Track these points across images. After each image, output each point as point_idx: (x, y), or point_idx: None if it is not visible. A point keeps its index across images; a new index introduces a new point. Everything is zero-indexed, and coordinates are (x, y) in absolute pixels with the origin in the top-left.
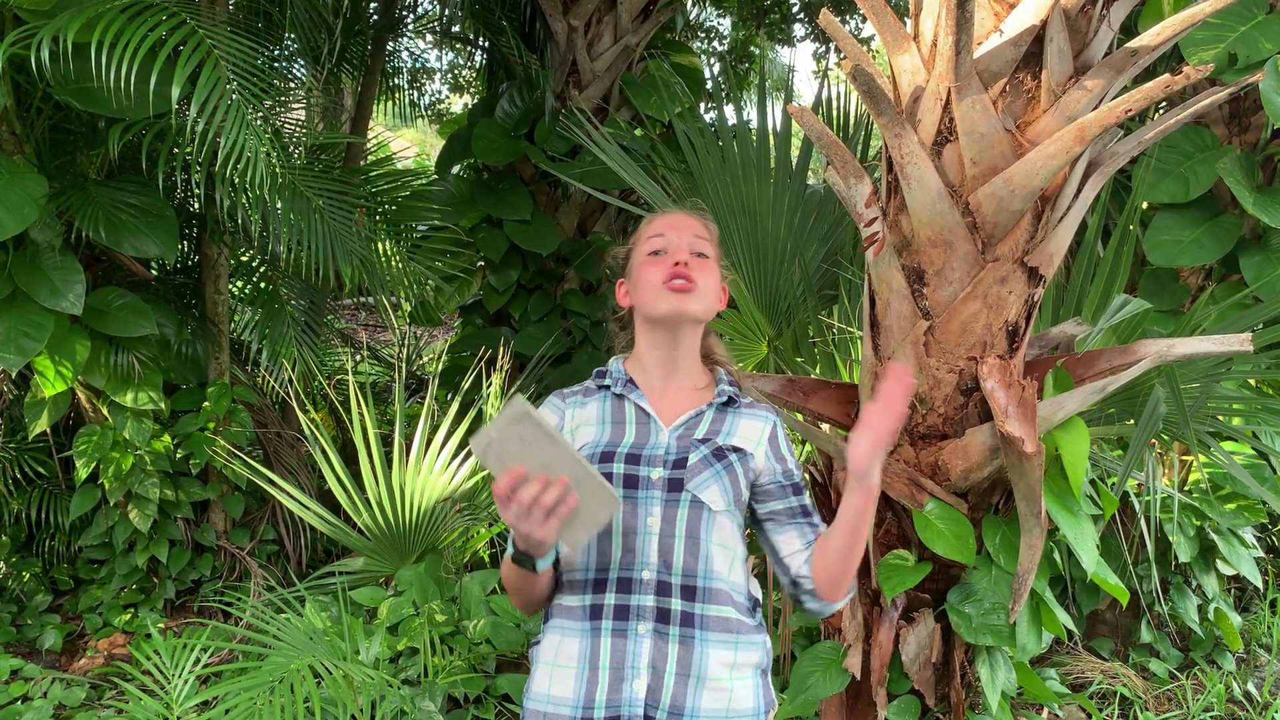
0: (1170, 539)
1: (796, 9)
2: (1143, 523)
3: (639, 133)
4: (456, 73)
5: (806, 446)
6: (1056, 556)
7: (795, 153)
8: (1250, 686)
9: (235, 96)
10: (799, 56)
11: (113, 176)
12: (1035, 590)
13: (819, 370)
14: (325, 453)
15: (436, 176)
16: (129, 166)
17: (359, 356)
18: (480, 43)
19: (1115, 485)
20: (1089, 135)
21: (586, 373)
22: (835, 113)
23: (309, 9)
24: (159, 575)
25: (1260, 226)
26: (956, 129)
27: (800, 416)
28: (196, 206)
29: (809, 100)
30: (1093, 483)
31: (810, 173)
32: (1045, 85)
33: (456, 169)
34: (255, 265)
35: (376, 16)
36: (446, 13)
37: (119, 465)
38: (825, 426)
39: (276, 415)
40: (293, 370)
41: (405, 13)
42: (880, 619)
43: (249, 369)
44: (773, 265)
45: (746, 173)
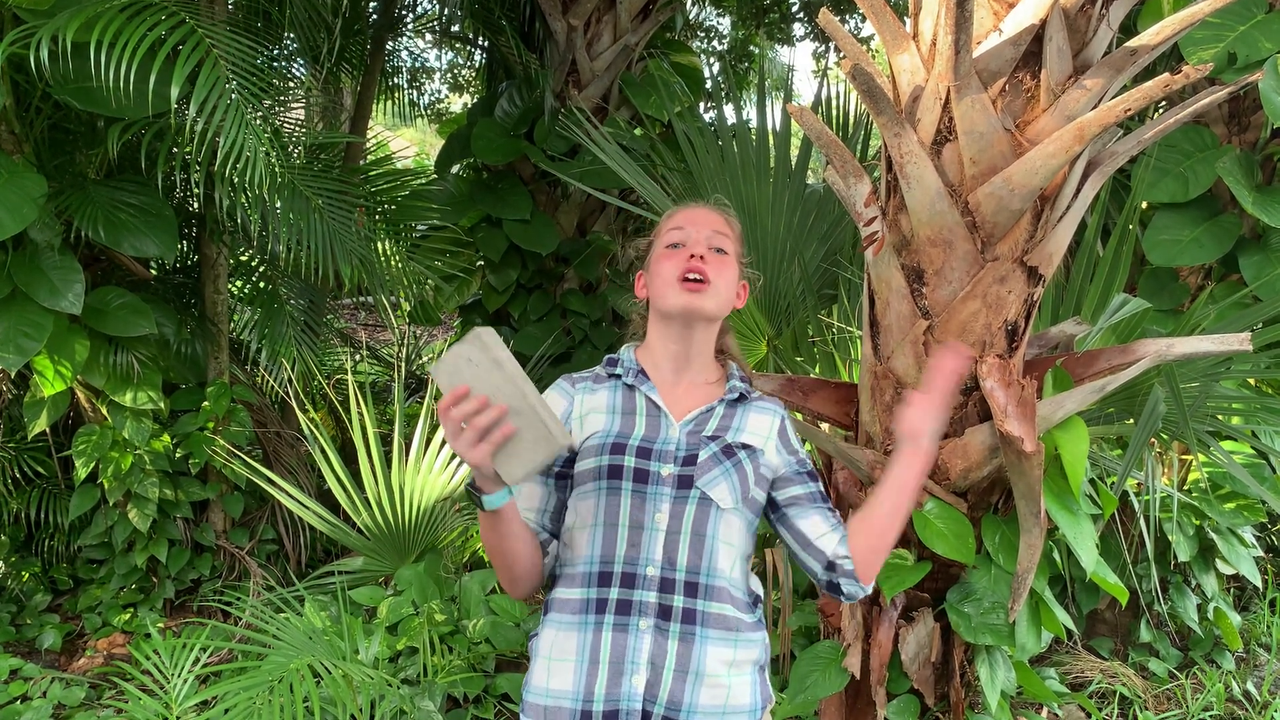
0: (1170, 538)
1: (796, 8)
2: (1142, 522)
3: (638, 132)
4: (456, 72)
5: (806, 446)
6: (1056, 556)
7: (795, 152)
8: (1249, 686)
9: (234, 96)
10: (799, 56)
11: (112, 176)
12: (1034, 589)
13: (818, 370)
14: (325, 452)
15: (436, 176)
16: (128, 166)
17: (358, 356)
18: (480, 42)
19: (1115, 484)
20: (1088, 134)
21: None
22: (835, 112)
23: (308, 8)
24: (158, 575)
25: (1260, 226)
26: (956, 128)
27: (800, 416)
28: (196, 206)
29: (808, 99)
30: (1092, 482)
31: (810, 172)
32: (1044, 84)
33: (456, 168)
34: (254, 265)
35: (376, 16)
36: (446, 12)
37: (118, 465)
38: (825, 426)
39: (276, 415)
40: (292, 370)
41: (405, 12)
42: (880, 618)
43: (248, 368)
44: (772, 264)
45: (746, 172)
